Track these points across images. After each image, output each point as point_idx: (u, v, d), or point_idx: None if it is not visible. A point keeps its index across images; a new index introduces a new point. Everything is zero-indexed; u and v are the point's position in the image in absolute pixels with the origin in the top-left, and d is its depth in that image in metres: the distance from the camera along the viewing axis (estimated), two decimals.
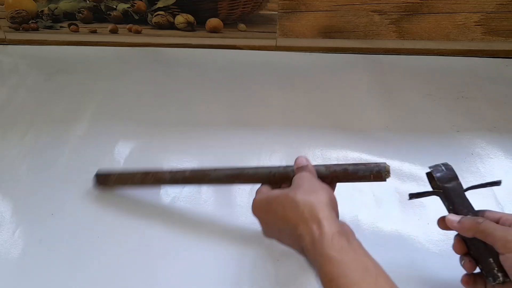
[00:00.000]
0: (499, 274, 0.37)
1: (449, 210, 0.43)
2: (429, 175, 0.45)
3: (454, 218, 0.41)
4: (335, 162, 0.71)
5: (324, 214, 0.38)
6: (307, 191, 0.40)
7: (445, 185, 0.42)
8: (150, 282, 0.53)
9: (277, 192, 0.43)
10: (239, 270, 0.54)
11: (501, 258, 0.38)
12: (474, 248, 0.40)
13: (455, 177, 0.42)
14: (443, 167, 0.42)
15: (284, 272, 0.54)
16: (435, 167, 0.43)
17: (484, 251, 0.39)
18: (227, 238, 0.58)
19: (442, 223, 0.44)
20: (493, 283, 0.38)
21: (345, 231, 0.37)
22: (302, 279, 0.54)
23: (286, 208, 0.40)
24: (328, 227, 0.36)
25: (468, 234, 0.40)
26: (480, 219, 0.40)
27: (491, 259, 0.38)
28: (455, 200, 0.42)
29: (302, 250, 0.38)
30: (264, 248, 0.57)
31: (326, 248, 0.35)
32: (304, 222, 0.38)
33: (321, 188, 0.42)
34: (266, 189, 0.46)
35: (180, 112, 0.79)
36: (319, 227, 0.37)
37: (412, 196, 0.44)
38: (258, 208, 0.44)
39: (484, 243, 0.39)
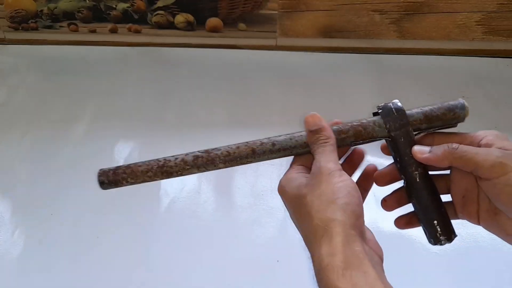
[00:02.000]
0: (442, 238, 0.34)
1: (396, 163, 0.37)
2: (376, 115, 0.39)
3: (423, 148, 0.35)
4: None
5: (338, 239, 0.30)
6: (324, 200, 0.32)
7: (392, 134, 0.36)
8: (150, 282, 0.53)
9: (294, 190, 0.35)
10: (239, 270, 0.54)
11: (486, 185, 0.32)
12: (418, 204, 0.35)
13: (405, 124, 0.36)
14: (393, 110, 0.37)
15: (284, 273, 0.54)
16: (384, 108, 0.37)
17: (429, 209, 0.34)
18: (227, 238, 0.58)
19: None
20: (433, 245, 0.34)
21: (360, 260, 0.29)
22: (302, 279, 0.54)
23: (302, 217, 0.33)
24: (341, 256, 0.29)
25: (444, 164, 0.34)
26: (454, 145, 0.34)
27: (435, 222, 0.34)
28: (403, 151, 0.36)
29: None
30: (264, 249, 0.57)
31: (332, 281, 0.29)
32: (315, 242, 0.31)
33: (343, 188, 0.32)
34: (293, 172, 0.37)
35: (180, 111, 0.78)
36: (329, 254, 0.29)
37: (355, 143, 0.38)
38: (280, 192, 0.37)
39: (432, 198, 0.34)
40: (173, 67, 0.89)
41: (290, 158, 0.39)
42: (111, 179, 0.38)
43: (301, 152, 0.38)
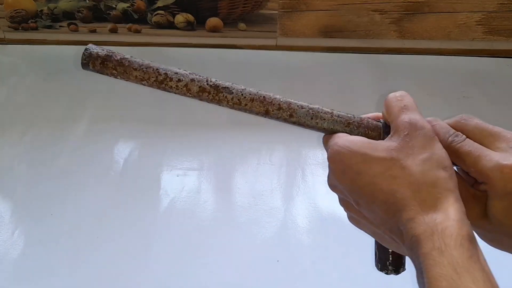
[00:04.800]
0: (390, 268, 0.31)
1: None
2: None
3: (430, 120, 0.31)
4: None
5: (453, 201, 0.26)
6: (434, 165, 0.27)
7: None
8: (150, 282, 0.53)
9: (379, 146, 0.29)
10: (239, 270, 0.54)
11: (492, 204, 0.28)
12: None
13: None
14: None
15: (284, 273, 0.54)
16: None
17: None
18: (227, 238, 0.58)
19: None
20: (380, 271, 0.32)
21: (473, 236, 0.26)
22: (302, 279, 0.54)
23: (393, 178, 0.27)
24: (459, 223, 0.25)
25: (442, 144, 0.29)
26: (460, 136, 0.30)
27: (390, 250, 0.31)
28: None
29: (400, 237, 0.27)
30: (264, 249, 0.57)
31: (451, 251, 0.24)
32: (420, 205, 0.26)
33: (447, 157, 0.28)
34: (352, 136, 0.32)
35: (180, 112, 0.78)
36: (445, 218, 0.25)
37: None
38: (339, 161, 0.30)
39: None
40: (173, 67, 0.89)
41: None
42: (97, 68, 0.32)
43: (319, 129, 0.34)
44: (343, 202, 0.33)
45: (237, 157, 0.69)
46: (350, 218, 0.33)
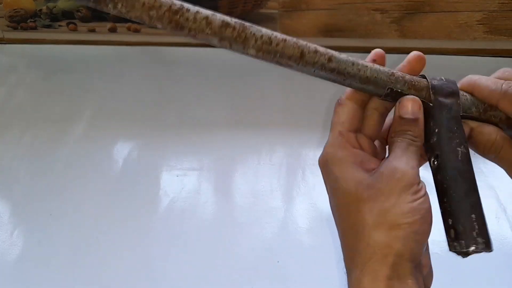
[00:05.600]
0: (479, 240, 0.24)
1: (430, 137, 0.28)
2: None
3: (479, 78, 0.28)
4: None
5: (386, 273, 0.24)
6: (388, 220, 0.24)
7: (439, 99, 0.28)
8: (150, 282, 0.53)
9: (349, 184, 0.26)
10: (239, 271, 0.54)
11: None
12: (454, 191, 0.26)
13: (455, 94, 0.28)
14: (443, 78, 0.30)
15: (284, 273, 0.54)
16: (433, 77, 0.30)
17: (468, 201, 0.25)
18: (227, 238, 0.58)
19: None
20: (464, 250, 0.24)
21: None
22: (302, 280, 0.54)
23: (350, 223, 0.26)
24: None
25: (493, 98, 0.27)
26: None
27: (473, 216, 0.25)
28: (447, 123, 0.27)
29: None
30: (264, 249, 0.56)
31: None
32: (359, 263, 0.25)
33: (416, 212, 0.24)
34: (346, 144, 0.28)
35: (180, 111, 0.78)
36: (371, 281, 0.24)
37: (392, 91, 0.28)
38: (322, 169, 0.28)
39: (474, 187, 0.26)
40: (173, 66, 0.89)
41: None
42: None
43: (365, 88, 0.28)
44: None
45: (237, 157, 0.68)
46: None
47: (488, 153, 0.29)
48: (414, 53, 0.31)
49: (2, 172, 0.67)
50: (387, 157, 0.27)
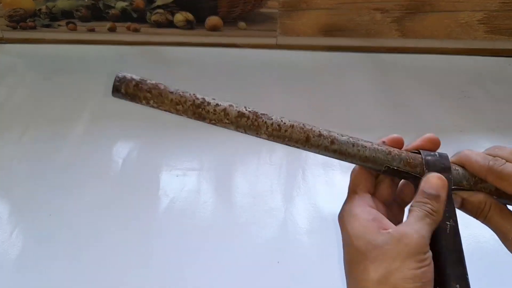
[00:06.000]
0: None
1: None
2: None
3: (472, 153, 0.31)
4: (337, 164, 0.70)
5: None
6: (390, 283, 0.26)
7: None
8: (149, 282, 0.53)
9: (360, 241, 0.27)
10: (239, 271, 0.54)
11: None
12: (441, 261, 0.28)
13: (447, 169, 0.31)
14: (437, 154, 0.32)
15: (284, 274, 0.54)
16: (428, 153, 0.32)
17: (453, 269, 0.28)
18: (226, 239, 0.58)
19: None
20: None
21: None
22: (302, 281, 0.53)
23: (355, 278, 0.27)
24: None
25: (481, 173, 0.30)
26: (499, 159, 0.30)
27: (457, 286, 0.28)
28: None
29: None
30: (264, 250, 0.56)
31: None
32: None
33: (418, 279, 0.26)
34: (362, 206, 0.30)
35: None
36: None
37: (389, 169, 0.31)
38: (341, 227, 0.30)
39: (459, 258, 0.29)
40: (172, 66, 0.88)
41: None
42: (130, 91, 0.30)
43: (365, 165, 0.31)
44: None
45: (237, 157, 0.68)
46: None
47: (478, 218, 0.32)
48: (429, 135, 0.33)
49: (2, 172, 0.67)
50: (404, 222, 0.29)
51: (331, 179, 0.66)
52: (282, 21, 0.88)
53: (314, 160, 0.69)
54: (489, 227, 0.32)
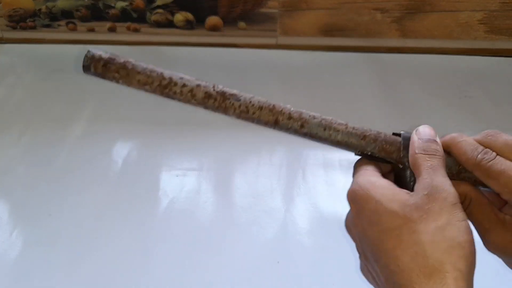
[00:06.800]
0: None
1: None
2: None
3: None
4: (337, 164, 0.70)
5: (462, 285, 0.24)
6: (447, 239, 0.24)
7: (406, 161, 0.30)
8: (149, 282, 0.53)
9: (396, 196, 0.26)
10: (239, 271, 0.54)
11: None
12: None
13: None
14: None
15: (284, 274, 0.54)
16: (406, 134, 0.30)
17: None
18: (226, 239, 0.58)
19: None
20: None
21: None
22: (302, 281, 0.53)
23: (400, 240, 0.25)
24: None
25: (468, 166, 0.28)
26: (490, 153, 0.28)
27: None
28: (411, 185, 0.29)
29: None
30: (264, 250, 0.56)
31: None
32: (421, 284, 0.24)
33: (465, 232, 0.25)
34: (377, 176, 0.29)
35: (179, 111, 0.78)
36: None
37: (362, 154, 0.30)
38: (356, 202, 0.28)
39: None
40: (172, 66, 0.88)
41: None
42: (99, 71, 0.31)
43: (332, 142, 0.31)
44: (357, 249, 0.31)
45: (237, 157, 0.68)
46: (361, 268, 0.31)
47: None
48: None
49: (1, 172, 0.67)
50: (419, 178, 0.27)
51: (331, 179, 0.66)
52: (282, 21, 0.88)
53: (315, 160, 0.69)
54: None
